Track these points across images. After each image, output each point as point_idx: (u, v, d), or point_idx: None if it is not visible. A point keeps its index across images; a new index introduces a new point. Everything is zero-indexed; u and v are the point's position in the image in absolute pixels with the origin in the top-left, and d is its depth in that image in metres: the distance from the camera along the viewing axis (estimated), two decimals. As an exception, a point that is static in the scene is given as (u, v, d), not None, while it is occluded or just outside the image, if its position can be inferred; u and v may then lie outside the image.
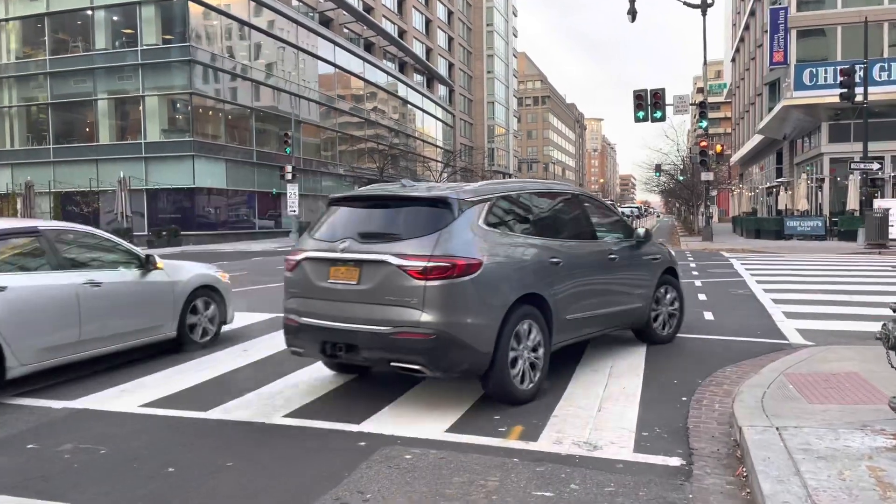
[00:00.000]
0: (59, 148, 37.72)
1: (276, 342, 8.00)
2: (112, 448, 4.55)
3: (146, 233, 33.41)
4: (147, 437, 4.78)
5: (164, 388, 6.07)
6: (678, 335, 8.00)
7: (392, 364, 5.23)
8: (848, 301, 10.74)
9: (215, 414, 5.29)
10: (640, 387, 6.01)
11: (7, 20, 38.08)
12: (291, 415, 5.24)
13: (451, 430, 4.88)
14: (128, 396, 5.82)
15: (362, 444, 4.59)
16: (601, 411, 5.32)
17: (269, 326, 9.01)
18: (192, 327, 7.69)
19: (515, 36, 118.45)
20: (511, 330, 5.40)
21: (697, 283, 13.50)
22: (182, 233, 33.86)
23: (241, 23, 40.51)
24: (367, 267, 5.24)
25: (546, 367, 5.79)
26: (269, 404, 5.52)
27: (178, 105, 36.76)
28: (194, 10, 36.27)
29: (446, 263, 5.05)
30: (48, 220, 10.49)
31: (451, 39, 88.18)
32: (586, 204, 7.08)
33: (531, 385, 5.62)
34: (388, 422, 5.06)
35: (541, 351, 5.72)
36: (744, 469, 4.12)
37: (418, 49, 74.60)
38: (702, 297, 11.65)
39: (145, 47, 36.12)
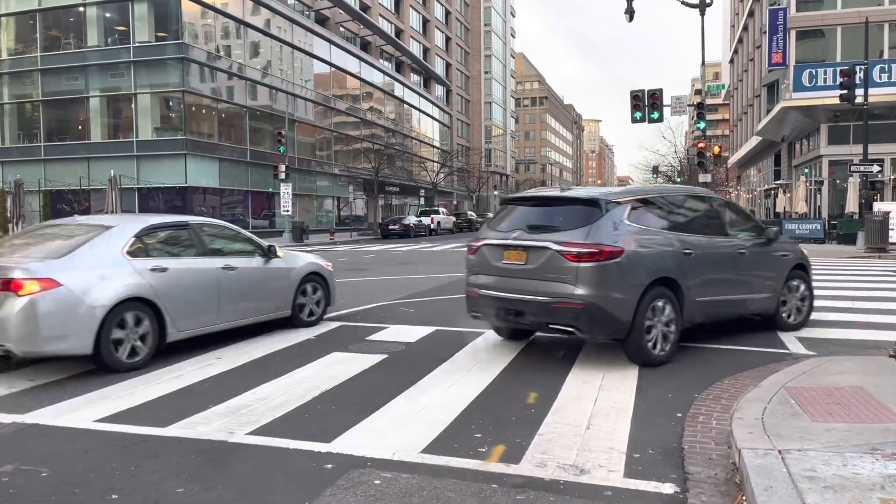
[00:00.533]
0: (51, 146, 37.30)
1: (249, 350, 7.64)
2: (55, 470, 4.18)
3: (137, 232, 32.93)
4: (96, 456, 4.41)
5: (125, 401, 5.69)
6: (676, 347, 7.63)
7: (550, 326, 6.73)
8: (849, 308, 10.39)
9: (174, 430, 4.91)
10: (632, 401, 5.65)
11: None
12: (256, 432, 4.87)
13: (428, 450, 4.51)
14: (85, 410, 5.44)
15: (329, 466, 4.22)
16: (590, 429, 4.96)
17: (241, 334, 8.63)
18: (300, 307, 8.96)
19: (513, 36, 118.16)
20: (647, 305, 6.64)
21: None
22: (174, 232, 33.43)
23: (236, 20, 40.11)
24: (533, 251, 6.71)
25: (677, 340, 7.01)
26: (234, 420, 5.15)
27: (171, 103, 36.34)
28: (188, 7, 35.87)
29: (595, 250, 6.41)
30: (194, 216, 12.55)
31: (448, 39, 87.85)
32: (719, 207, 8.27)
33: (662, 352, 6.85)
34: (361, 440, 4.70)
35: (673, 326, 6.94)
36: (744, 497, 3.76)
37: (416, 49, 74.25)
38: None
39: (138, 44, 35.71)
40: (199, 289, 7.54)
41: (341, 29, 55.50)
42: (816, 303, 10.86)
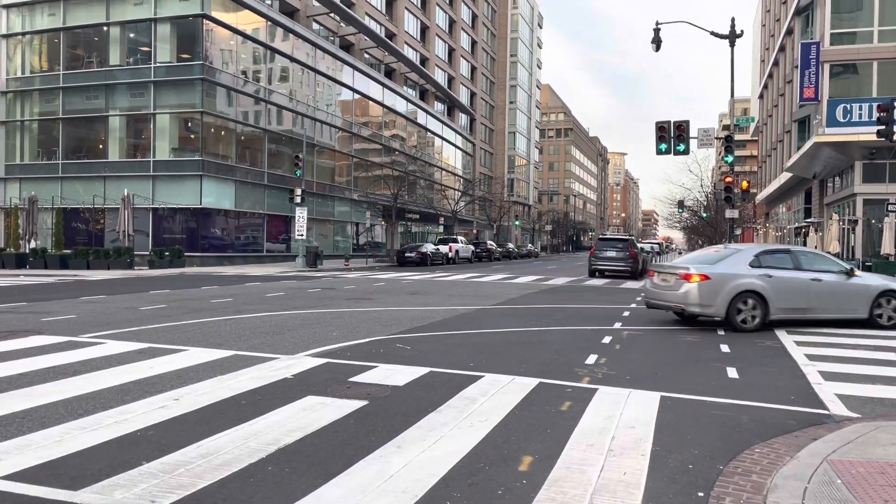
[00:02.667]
0: (69, 163, 37.23)
1: (215, 389, 6.81)
2: (-84, 549, 3.36)
3: (148, 253, 32.55)
4: (-24, 530, 3.58)
5: (48, 451, 4.86)
6: (699, 398, 6.71)
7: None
8: (892, 360, 9.34)
9: (85, 495, 4.06)
10: (645, 472, 4.72)
11: (24, 34, 37.91)
12: (183, 501, 4.01)
13: (387, 535, 3.62)
14: (2, 460, 4.63)
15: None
16: (592, 510, 4.04)
17: (219, 367, 7.82)
18: (879, 315, 12.67)
19: (539, 67, 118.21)
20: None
21: (720, 331, 12.14)
22: (186, 254, 32.96)
23: (258, 43, 40.06)
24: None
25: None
26: (163, 482, 4.30)
27: (190, 124, 36.14)
28: (210, 28, 35.84)
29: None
30: (794, 246, 19.67)
31: (473, 69, 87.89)
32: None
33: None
34: (307, 517, 3.82)
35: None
36: None
37: (440, 77, 74.23)
38: (724, 348, 10.29)
39: (159, 65, 35.67)
40: (792, 290, 12.18)
41: (366, 55, 55.48)
42: (857, 353, 9.88)
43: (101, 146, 37.21)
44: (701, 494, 4.34)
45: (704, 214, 44.62)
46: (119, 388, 6.83)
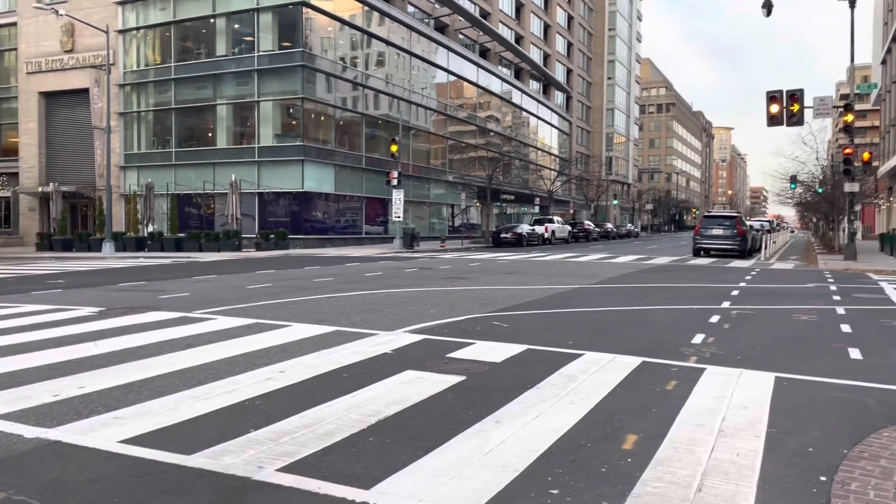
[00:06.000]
0: (181, 151, 39.22)
1: (318, 363, 6.96)
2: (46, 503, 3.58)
3: (254, 235, 33.94)
4: (100, 489, 3.79)
5: (163, 417, 5.11)
6: (818, 379, 6.29)
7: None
8: None
9: (197, 460, 4.23)
10: (759, 454, 4.45)
11: (138, 29, 40.06)
12: (289, 468, 4.10)
13: (486, 509, 3.57)
14: (116, 426, 4.90)
15: (357, 524, 3.38)
16: (702, 491, 3.84)
17: (316, 345, 7.99)
18: None
19: (639, 41, 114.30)
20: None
21: (839, 310, 11.35)
22: (290, 236, 34.13)
23: (355, 29, 40.70)
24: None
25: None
26: (270, 450, 4.42)
27: (291, 110, 37.23)
28: (309, 16, 36.68)
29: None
30: None
31: (570, 45, 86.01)
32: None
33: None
34: (408, 487, 3.82)
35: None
36: None
37: (535, 55, 73.09)
38: (845, 328, 9.61)
39: (262, 53, 36.88)
40: None
41: (460, 36, 55.33)
42: None
43: (209, 134, 38.97)
44: (823, 479, 4.04)
45: (820, 189, 41.88)
46: (228, 361, 7.11)
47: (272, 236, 33.01)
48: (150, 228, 33.86)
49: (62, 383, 6.13)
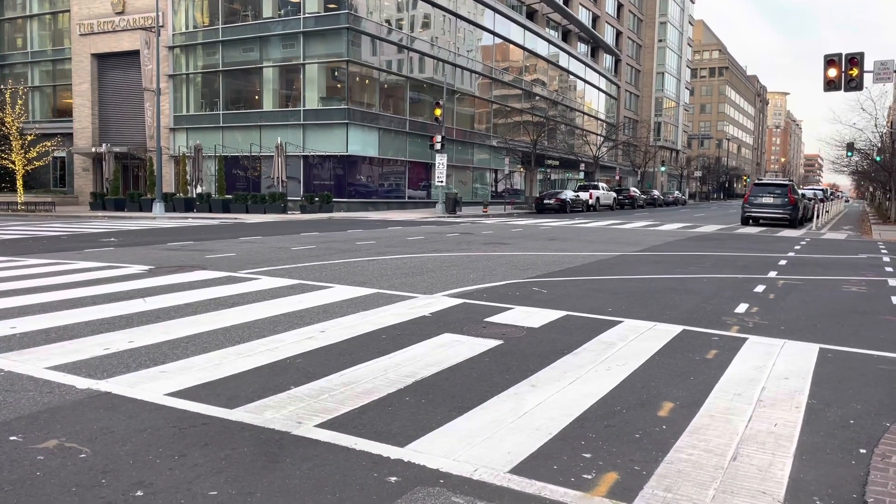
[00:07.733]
0: (228, 114, 39.67)
1: (357, 324, 7.08)
2: (97, 451, 3.75)
3: (299, 198, 34.33)
4: (146, 439, 3.95)
5: (208, 373, 5.28)
6: (864, 351, 6.14)
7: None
8: None
9: (239, 414, 4.37)
10: (798, 424, 4.39)
11: (187, -9, 40.36)
12: (327, 424, 4.21)
13: (520, 469, 3.61)
14: (163, 379, 5.08)
15: (392, 479, 3.45)
16: (737, 460, 3.82)
17: (355, 307, 8.10)
18: None
19: (693, 2, 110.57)
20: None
21: (892, 281, 11.01)
22: (334, 199, 34.44)
23: (401, -10, 40.27)
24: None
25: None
26: (310, 406, 4.53)
27: (336, 73, 37.24)
28: (355, -23, 36.43)
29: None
30: None
31: (620, 6, 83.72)
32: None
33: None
34: (442, 447, 3.89)
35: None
36: None
37: (584, 16, 71.39)
38: (897, 301, 9.34)
39: (307, 15, 36.83)
40: None
41: (507, -3, 54.32)
42: None
43: (256, 97, 39.29)
44: (863, 451, 3.98)
45: (878, 157, 40.31)
46: (271, 320, 7.27)
47: (316, 199, 33.36)
48: (199, 190, 34.52)
49: (112, 337, 6.37)
